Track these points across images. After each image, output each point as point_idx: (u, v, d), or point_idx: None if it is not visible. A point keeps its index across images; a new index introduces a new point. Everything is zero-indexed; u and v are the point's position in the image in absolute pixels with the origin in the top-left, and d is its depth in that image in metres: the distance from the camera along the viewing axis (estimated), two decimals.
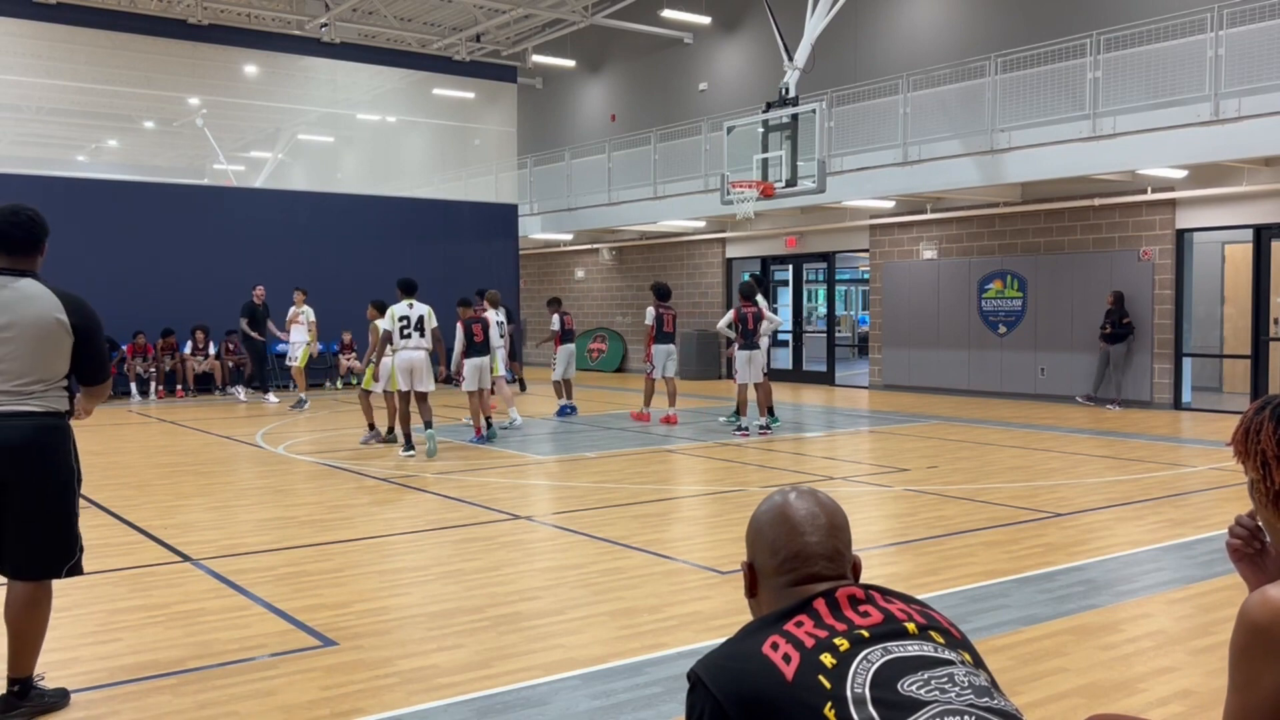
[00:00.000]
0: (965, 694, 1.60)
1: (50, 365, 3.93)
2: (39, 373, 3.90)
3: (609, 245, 25.04)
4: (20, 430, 3.85)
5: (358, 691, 4.08)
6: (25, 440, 3.86)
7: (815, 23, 14.57)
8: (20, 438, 3.85)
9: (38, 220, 4.02)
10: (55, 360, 3.94)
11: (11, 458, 3.83)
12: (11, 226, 3.94)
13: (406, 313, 11.01)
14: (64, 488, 3.98)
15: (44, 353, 3.90)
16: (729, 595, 5.45)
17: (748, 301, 12.73)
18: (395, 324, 11.00)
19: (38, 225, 4.02)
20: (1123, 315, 15.20)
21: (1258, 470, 1.79)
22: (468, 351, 11.93)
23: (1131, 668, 4.33)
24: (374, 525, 7.42)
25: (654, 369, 13.93)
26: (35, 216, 4.03)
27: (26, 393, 3.88)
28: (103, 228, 18.45)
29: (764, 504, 1.91)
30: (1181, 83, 13.44)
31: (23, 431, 3.85)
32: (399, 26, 23.48)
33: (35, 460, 3.88)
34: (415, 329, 10.96)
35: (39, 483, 3.89)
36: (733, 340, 12.77)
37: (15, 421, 3.85)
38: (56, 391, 3.97)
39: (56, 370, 3.95)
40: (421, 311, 11.05)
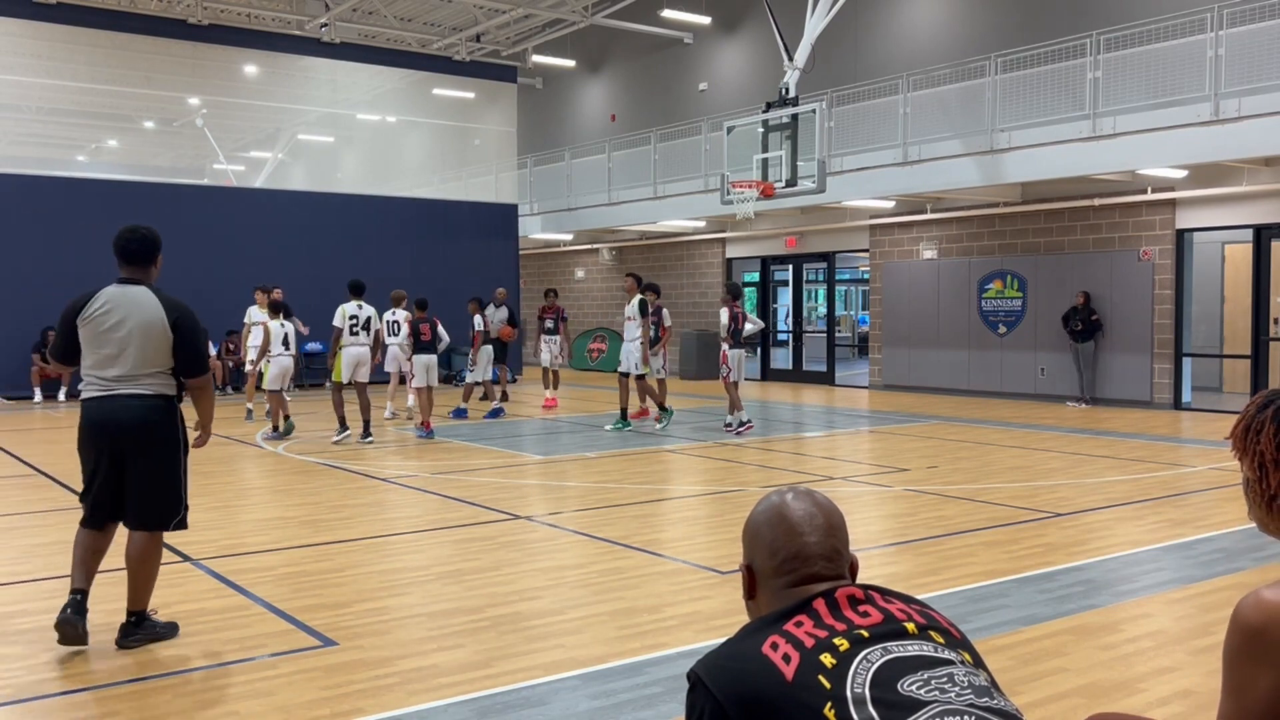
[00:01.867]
0: (965, 694, 1.60)
1: (156, 358, 4.69)
2: (148, 364, 4.67)
3: (609, 245, 25.04)
4: (131, 410, 4.65)
5: (358, 691, 4.08)
6: (136, 418, 4.65)
7: (815, 23, 14.57)
8: (131, 416, 4.65)
9: (151, 237, 4.85)
10: (160, 354, 4.70)
11: (126, 432, 4.64)
12: (129, 242, 4.79)
13: (356, 312, 12.02)
14: (169, 458, 4.75)
15: (151, 348, 4.67)
16: (729, 595, 5.45)
17: (736, 301, 12.73)
18: (345, 321, 11.93)
19: (152, 241, 4.85)
20: (1091, 313, 15.36)
21: (1254, 470, 1.76)
22: (415, 349, 12.73)
23: (1131, 668, 4.33)
24: (374, 525, 7.42)
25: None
26: (150, 234, 4.86)
27: (138, 380, 4.67)
28: (103, 228, 18.32)
29: (761, 505, 1.91)
30: (1181, 83, 13.44)
31: (134, 411, 4.65)
32: (399, 26, 23.47)
33: (145, 434, 4.67)
34: (362, 327, 12.00)
35: (149, 453, 4.69)
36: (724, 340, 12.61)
37: (129, 402, 4.65)
38: (164, 380, 4.73)
39: (162, 363, 4.71)
40: (369, 312, 12.12)
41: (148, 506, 4.72)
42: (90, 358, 4.68)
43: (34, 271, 17.84)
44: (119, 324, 4.63)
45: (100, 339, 4.65)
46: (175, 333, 4.69)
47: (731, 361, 12.57)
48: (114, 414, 4.65)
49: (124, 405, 4.64)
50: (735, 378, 12.56)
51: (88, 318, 4.66)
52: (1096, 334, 15.47)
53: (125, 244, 4.79)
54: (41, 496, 8.63)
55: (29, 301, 17.70)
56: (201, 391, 4.89)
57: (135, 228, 4.84)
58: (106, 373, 4.66)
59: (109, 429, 4.65)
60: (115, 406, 4.65)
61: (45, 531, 7.20)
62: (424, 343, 12.74)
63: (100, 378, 4.67)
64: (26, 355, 17.50)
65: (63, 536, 7.01)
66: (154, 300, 4.70)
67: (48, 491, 8.86)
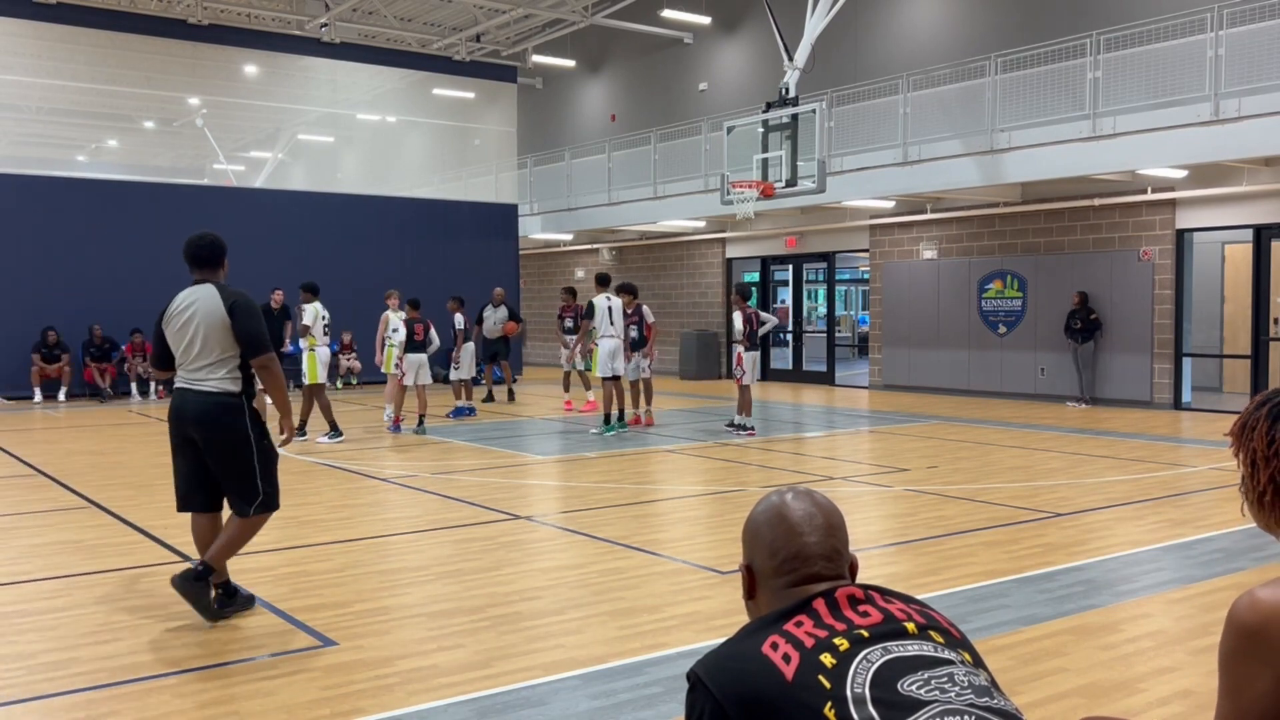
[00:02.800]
0: (965, 694, 1.60)
1: (220, 347, 5.01)
2: (213, 354, 5.00)
3: (609, 245, 25.04)
4: (196, 405, 5.00)
5: (358, 691, 4.08)
6: (200, 412, 4.99)
7: (815, 23, 14.56)
8: (195, 411, 5.00)
9: (219, 243, 5.25)
10: (223, 342, 5.01)
11: (193, 423, 5.00)
12: (199, 248, 5.17)
13: (325, 313, 12.44)
14: (239, 449, 5.03)
15: (215, 340, 5.01)
16: (729, 595, 5.45)
17: (746, 302, 12.68)
18: (319, 323, 12.28)
19: (219, 247, 5.24)
20: (1089, 313, 15.37)
21: (1247, 466, 1.79)
22: (407, 348, 12.89)
23: (1131, 668, 4.33)
24: (374, 525, 7.42)
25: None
26: (217, 240, 5.26)
27: (206, 375, 5.02)
28: (103, 228, 18.45)
29: (760, 505, 1.91)
30: (1181, 83, 13.44)
31: (198, 406, 5.00)
32: (399, 26, 23.47)
33: (210, 427, 4.99)
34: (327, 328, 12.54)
35: (218, 444, 5.00)
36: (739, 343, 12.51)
37: (194, 397, 5.01)
38: (230, 374, 5.04)
39: (226, 351, 5.02)
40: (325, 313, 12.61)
41: (230, 494, 5.09)
42: (176, 355, 5.13)
43: (34, 271, 17.84)
44: (189, 320, 5.03)
45: (176, 336, 5.09)
46: (231, 316, 5.00)
47: (746, 364, 12.44)
48: (183, 406, 5.05)
49: (191, 399, 5.02)
50: (748, 380, 12.48)
51: (167, 319, 5.13)
52: (1096, 334, 15.48)
53: (194, 249, 5.17)
54: (41, 496, 8.63)
55: (29, 301, 17.71)
56: (267, 371, 5.09)
57: (203, 234, 5.26)
58: (184, 366, 5.08)
59: (180, 419, 5.06)
60: (185, 399, 5.04)
61: (45, 531, 7.20)
62: (416, 342, 12.89)
63: (182, 371, 5.10)
64: (26, 355, 17.50)
65: (63, 536, 7.03)
66: (215, 293, 5.07)
67: (48, 491, 8.86)
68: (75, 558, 6.40)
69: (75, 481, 9.30)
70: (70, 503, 8.33)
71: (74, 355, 17.88)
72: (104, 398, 17.69)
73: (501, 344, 16.95)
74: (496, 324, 16.53)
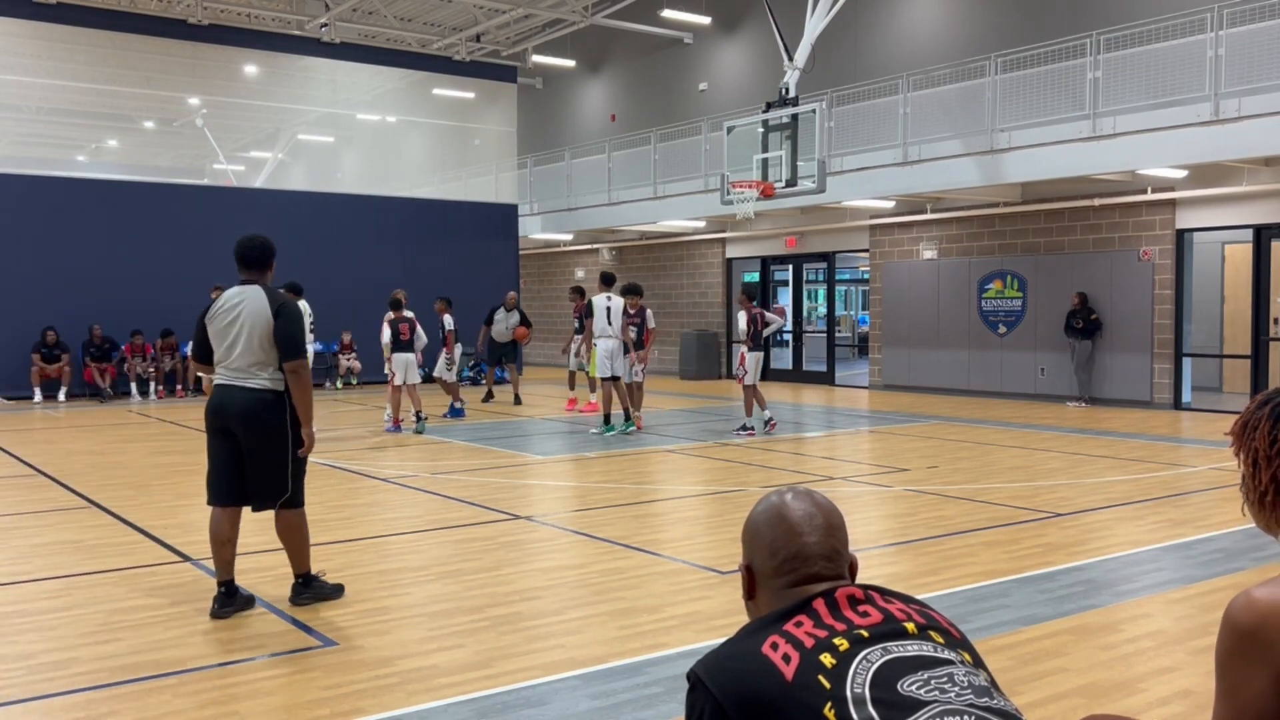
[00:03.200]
0: (965, 694, 1.60)
1: (265, 351, 5.17)
2: (258, 356, 5.16)
3: (609, 245, 25.04)
4: (242, 399, 5.15)
5: (358, 691, 4.08)
6: (242, 408, 5.14)
7: (815, 23, 14.56)
8: (239, 405, 5.15)
9: (268, 245, 5.38)
10: (266, 344, 5.17)
11: (236, 417, 5.15)
12: (249, 249, 5.32)
13: (310, 312, 12.67)
14: (275, 445, 5.19)
15: (260, 341, 5.16)
16: (728, 595, 5.45)
17: (753, 303, 12.66)
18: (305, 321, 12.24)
19: (268, 249, 5.37)
20: (1090, 313, 15.37)
21: (1248, 466, 1.79)
22: (394, 349, 12.91)
23: (1131, 668, 4.33)
24: (374, 525, 7.42)
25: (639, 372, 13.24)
26: (266, 242, 5.38)
27: (248, 374, 5.17)
28: (103, 228, 18.45)
29: (760, 505, 1.91)
30: (1181, 83, 13.44)
31: (241, 401, 5.15)
32: (399, 26, 23.47)
33: (252, 423, 5.14)
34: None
35: (258, 439, 5.16)
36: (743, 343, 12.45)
37: (238, 393, 5.17)
38: (273, 373, 5.19)
39: (269, 354, 5.18)
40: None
41: (258, 488, 5.23)
42: (216, 351, 5.28)
43: (34, 272, 17.84)
44: (235, 320, 5.19)
45: (220, 333, 5.24)
46: (277, 318, 5.18)
47: (749, 364, 12.42)
48: (228, 401, 5.18)
49: (237, 395, 5.17)
50: (751, 380, 12.44)
51: (211, 316, 5.27)
52: (1095, 334, 15.47)
53: (244, 251, 5.33)
54: (41, 496, 8.63)
55: (29, 301, 17.71)
56: (296, 376, 5.22)
57: (253, 236, 5.40)
58: (228, 364, 5.22)
59: (222, 414, 5.19)
60: (230, 395, 5.19)
61: (45, 531, 7.20)
62: (403, 342, 12.93)
63: (223, 369, 5.24)
64: (26, 355, 17.50)
65: (62, 536, 7.03)
66: (264, 296, 5.23)
67: (48, 491, 8.86)
68: (75, 558, 6.40)
69: (75, 481, 9.30)
70: (70, 503, 8.33)
71: (74, 355, 17.88)
72: (104, 398, 17.69)
73: (509, 348, 16.95)
74: (508, 328, 16.53)
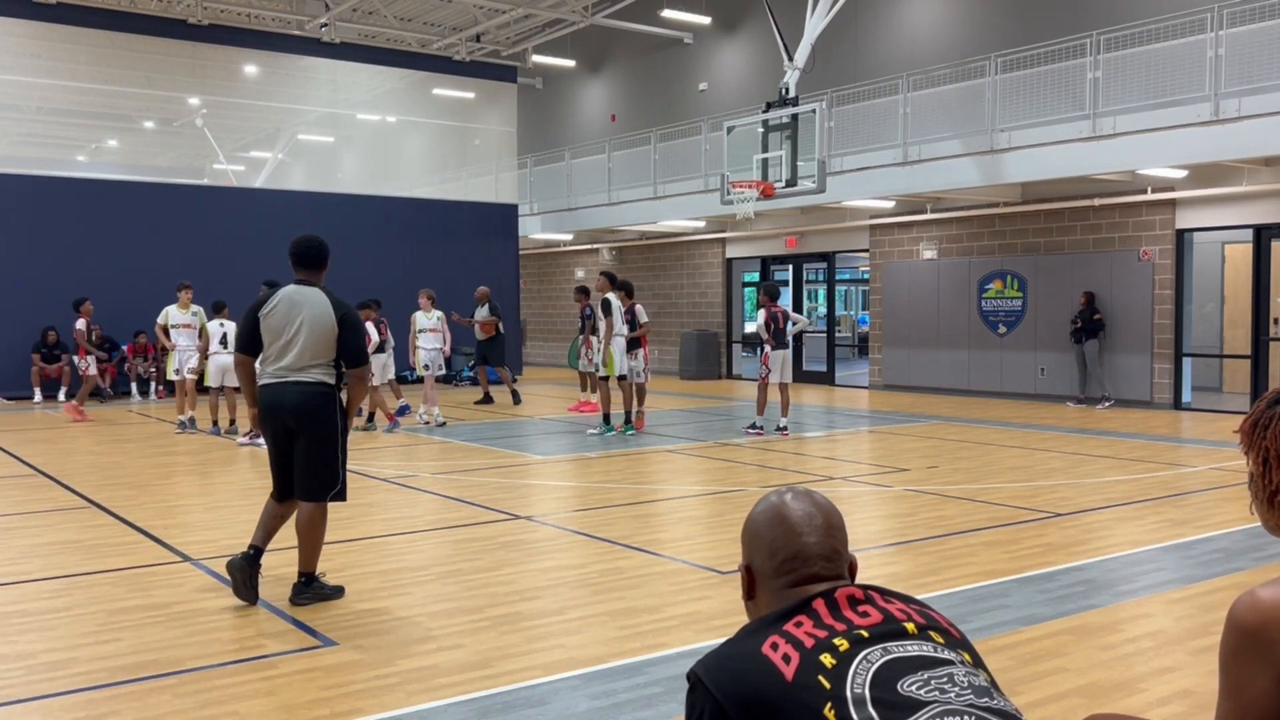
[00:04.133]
0: (965, 694, 1.60)
1: (323, 350, 5.33)
2: (315, 356, 5.31)
3: (609, 245, 25.04)
4: (297, 393, 5.28)
5: (358, 691, 4.08)
6: (298, 402, 5.28)
7: (815, 23, 14.56)
8: (296, 398, 5.28)
9: (323, 246, 5.55)
10: (325, 346, 5.33)
11: (291, 412, 5.29)
12: (305, 250, 5.48)
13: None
14: (328, 438, 5.33)
15: (321, 341, 5.32)
16: (729, 595, 5.45)
17: (775, 302, 12.65)
18: None
19: (324, 249, 5.54)
20: (1094, 313, 15.35)
21: (1258, 465, 1.78)
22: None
23: (1131, 668, 4.33)
24: (374, 525, 7.42)
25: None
26: (322, 243, 5.56)
27: (304, 369, 5.30)
28: (103, 228, 18.45)
29: (760, 505, 1.91)
30: (1181, 83, 13.44)
31: (299, 394, 5.28)
32: (399, 26, 23.47)
33: (306, 416, 5.28)
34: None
35: (310, 432, 5.30)
36: (764, 341, 12.42)
37: (294, 388, 5.29)
38: (326, 370, 5.35)
39: (326, 354, 5.34)
40: None
41: (309, 479, 5.34)
42: (268, 349, 5.36)
43: (34, 271, 17.84)
44: (293, 319, 5.30)
45: (275, 329, 5.33)
46: (341, 328, 5.34)
47: (773, 363, 12.37)
48: (282, 397, 5.29)
49: (292, 390, 5.29)
50: (775, 379, 12.37)
51: (267, 313, 5.35)
52: (1100, 334, 15.41)
53: (301, 251, 5.48)
54: (41, 496, 8.62)
55: (29, 301, 17.70)
56: (359, 380, 5.48)
57: (309, 237, 5.55)
58: (280, 362, 5.31)
59: (277, 411, 5.31)
60: (285, 391, 5.29)
61: (45, 531, 7.20)
62: (380, 342, 13.02)
63: (275, 367, 5.33)
64: (26, 355, 17.50)
65: (63, 536, 7.03)
66: (325, 299, 5.36)
67: (48, 491, 8.86)
68: (75, 558, 6.40)
69: (75, 481, 9.30)
70: (70, 503, 8.33)
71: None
72: (104, 398, 17.69)
73: (490, 345, 16.67)
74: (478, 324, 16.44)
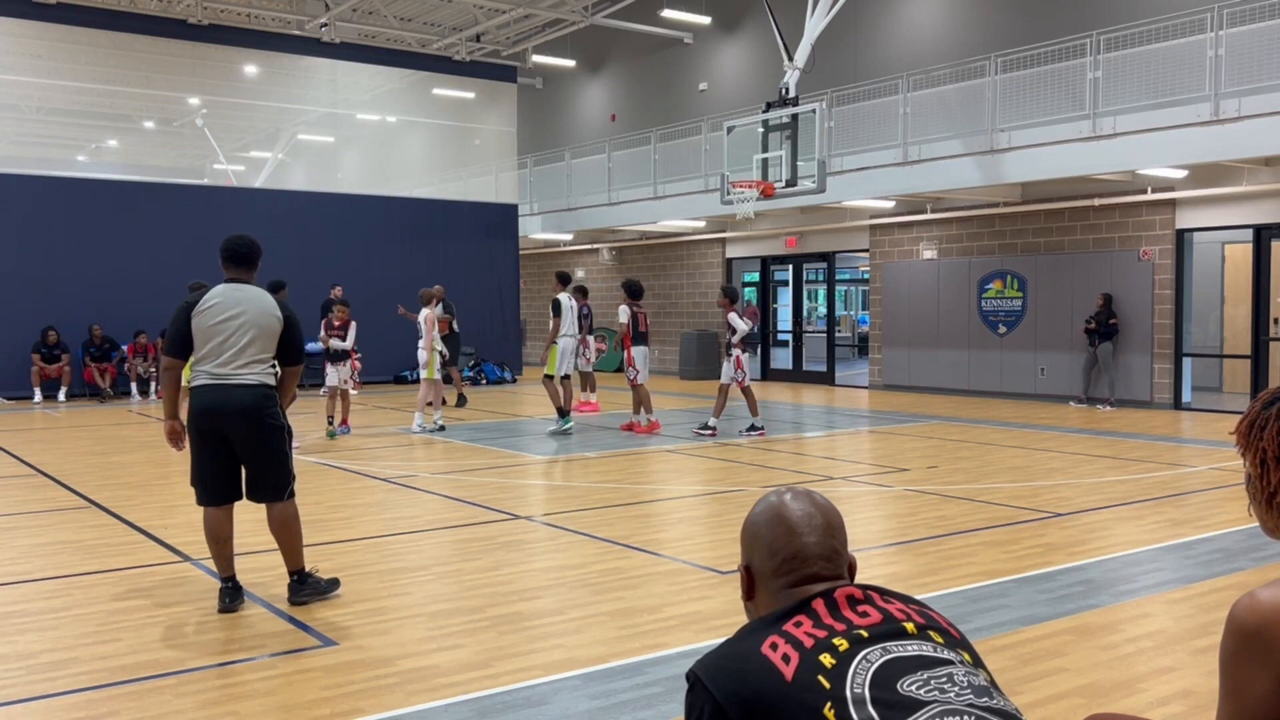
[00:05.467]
0: (965, 694, 1.60)
1: (265, 348, 5.27)
2: (257, 354, 5.24)
3: (609, 245, 25.04)
4: (241, 395, 5.19)
5: (358, 691, 4.08)
6: (244, 403, 5.19)
7: (815, 23, 14.56)
8: (239, 401, 5.18)
9: (256, 245, 5.50)
10: (269, 344, 5.29)
11: (237, 414, 5.17)
12: (238, 248, 5.41)
13: None
14: (275, 437, 5.28)
15: (262, 338, 5.26)
16: (729, 595, 5.45)
17: (734, 304, 12.63)
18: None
19: (256, 248, 5.50)
20: (1110, 316, 15.30)
21: (1256, 466, 1.77)
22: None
23: (1131, 668, 4.33)
24: (374, 525, 7.42)
25: (639, 373, 13.12)
26: (254, 242, 5.51)
27: (247, 369, 5.22)
28: (103, 228, 18.45)
29: (759, 505, 1.91)
30: (1181, 83, 13.44)
31: (243, 396, 5.19)
32: (399, 26, 23.47)
33: (254, 417, 5.20)
34: None
35: (258, 433, 5.22)
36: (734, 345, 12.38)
37: (235, 391, 5.19)
38: (267, 369, 5.31)
39: (269, 352, 5.29)
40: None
41: (272, 479, 5.29)
42: (202, 349, 5.22)
43: (34, 271, 17.84)
44: (232, 317, 5.21)
45: (211, 330, 5.20)
46: (287, 326, 5.33)
47: (746, 366, 12.36)
48: (223, 399, 5.18)
49: (234, 392, 5.19)
50: (748, 381, 12.36)
51: (201, 310, 5.23)
52: (1115, 336, 15.30)
53: (234, 249, 5.40)
54: (41, 496, 8.63)
55: (29, 301, 17.71)
56: (293, 376, 5.47)
57: (241, 236, 5.49)
58: (218, 361, 5.20)
59: (217, 413, 5.18)
60: (226, 393, 5.18)
61: (45, 531, 7.20)
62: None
63: (209, 367, 5.21)
64: (26, 355, 17.50)
65: (62, 536, 7.03)
66: (268, 298, 5.34)
67: (48, 491, 8.86)
68: (75, 558, 6.40)
69: (75, 481, 9.31)
70: (70, 503, 8.33)
71: (74, 355, 17.88)
72: (104, 398, 17.70)
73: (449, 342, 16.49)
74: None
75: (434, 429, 12.85)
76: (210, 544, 5.28)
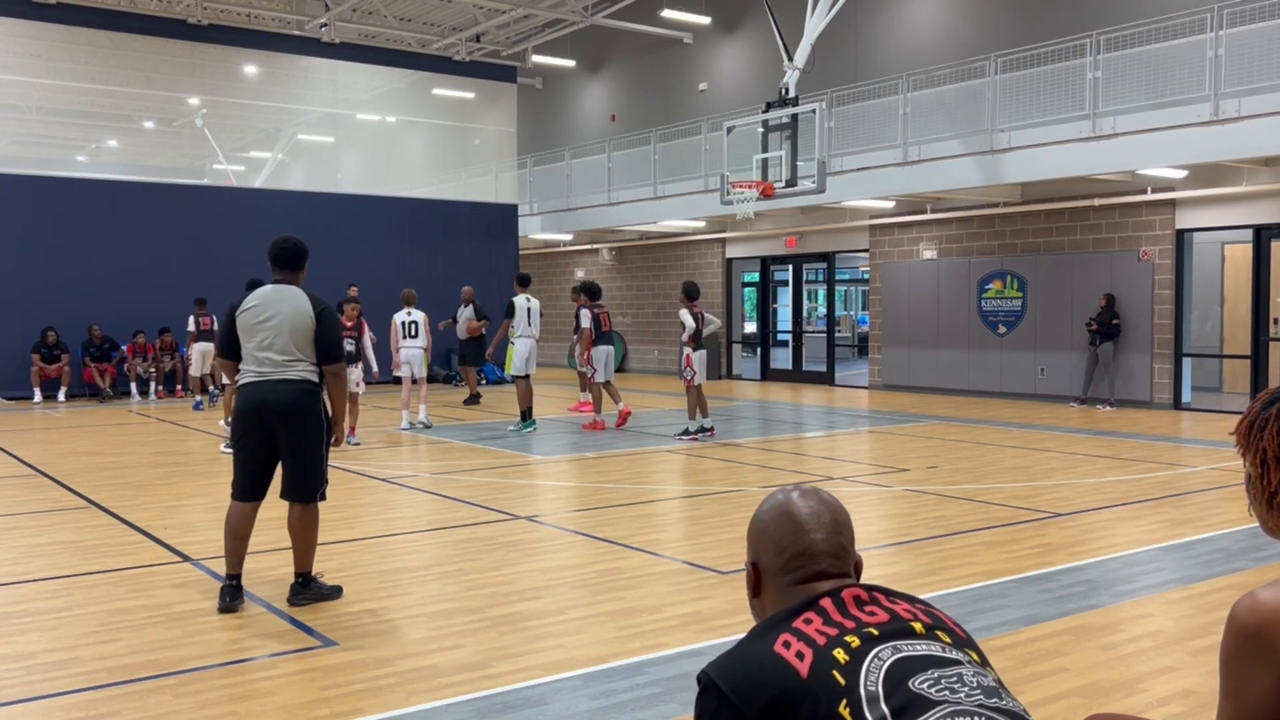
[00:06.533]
0: (975, 694, 1.59)
1: (303, 347, 5.31)
2: (296, 353, 5.29)
3: (609, 245, 25.04)
4: (283, 391, 5.24)
5: (358, 691, 4.08)
6: (284, 400, 5.23)
7: (815, 23, 14.56)
8: (281, 397, 5.23)
9: (301, 247, 5.52)
10: (305, 342, 5.31)
11: (278, 411, 5.22)
12: (283, 250, 5.46)
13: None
14: (315, 437, 5.32)
15: (298, 338, 5.29)
16: (729, 595, 5.45)
17: (694, 302, 12.49)
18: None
19: (299, 250, 5.50)
20: (1113, 316, 15.29)
21: (1256, 466, 1.76)
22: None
23: (1131, 668, 4.32)
24: (374, 525, 7.42)
25: (596, 372, 13.27)
26: (299, 244, 5.52)
27: (286, 367, 5.27)
28: (103, 228, 18.45)
29: (766, 503, 1.90)
30: (1181, 83, 13.44)
31: (285, 393, 5.24)
32: (399, 26, 23.47)
33: (294, 413, 5.24)
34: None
35: (299, 430, 5.26)
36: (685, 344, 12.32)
37: (278, 386, 5.24)
38: (309, 367, 5.34)
39: (308, 352, 5.32)
40: None
41: (302, 481, 5.31)
42: (246, 346, 5.32)
43: (34, 271, 17.84)
44: (270, 317, 5.28)
45: (252, 329, 5.30)
46: (319, 322, 5.33)
47: (696, 365, 12.22)
48: (266, 396, 5.23)
49: (278, 388, 5.24)
50: (699, 381, 12.25)
51: (243, 310, 5.34)
52: (1117, 337, 15.28)
53: (279, 251, 5.46)
54: (41, 496, 8.62)
55: (29, 301, 17.70)
56: (335, 379, 5.45)
57: (287, 238, 5.53)
58: (259, 360, 5.28)
59: (260, 410, 5.23)
60: (270, 389, 5.24)
61: (45, 531, 7.20)
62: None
63: (254, 366, 5.29)
64: (26, 355, 17.49)
65: (62, 536, 7.02)
66: (303, 296, 5.36)
67: (48, 491, 8.85)
68: (75, 558, 6.40)
69: (75, 481, 9.30)
70: (70, 503, 8.32)
71: (74, 355, 17.88)
72: (104, 398, 17.69)
73: (471, 346, 16.63)
74: (464, 322, 16.43)
75: (421, 426, 12.90)
76: (227, 538, 5.31)
